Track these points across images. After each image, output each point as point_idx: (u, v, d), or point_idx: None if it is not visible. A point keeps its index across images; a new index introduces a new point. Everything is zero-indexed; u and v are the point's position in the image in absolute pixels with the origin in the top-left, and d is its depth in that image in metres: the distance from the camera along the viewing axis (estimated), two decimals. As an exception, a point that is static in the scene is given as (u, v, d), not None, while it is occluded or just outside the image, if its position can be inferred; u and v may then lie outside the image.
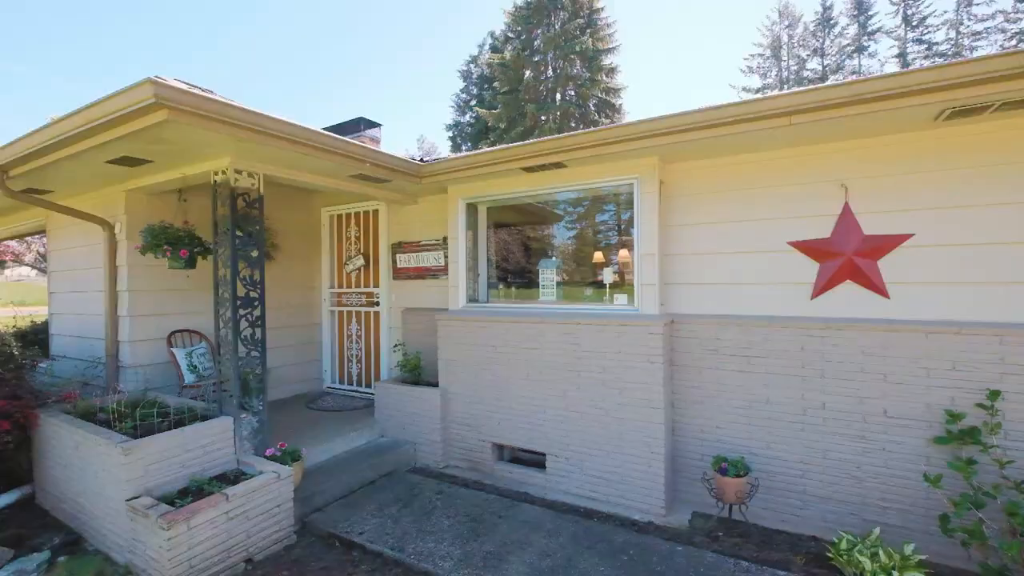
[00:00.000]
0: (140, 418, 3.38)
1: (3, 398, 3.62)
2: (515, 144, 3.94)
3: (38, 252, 12.69)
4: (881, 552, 2.68)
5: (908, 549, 2.70)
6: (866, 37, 31.32)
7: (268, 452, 3.75)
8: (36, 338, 5.83)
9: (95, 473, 3.29)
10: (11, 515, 3.81)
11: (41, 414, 3.81)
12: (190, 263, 4.16)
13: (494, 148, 4.12)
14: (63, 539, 3.45)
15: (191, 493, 3.12)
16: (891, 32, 30.56)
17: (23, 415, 3.70)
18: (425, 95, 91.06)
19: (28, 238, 10.80)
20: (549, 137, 3.78)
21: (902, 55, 29.88)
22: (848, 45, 31.95)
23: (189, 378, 4.55)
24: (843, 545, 2.81)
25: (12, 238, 8.30)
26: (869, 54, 31.44)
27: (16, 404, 3.68)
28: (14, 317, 6.14)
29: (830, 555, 2.84)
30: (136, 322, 4.55)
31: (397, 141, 70.43)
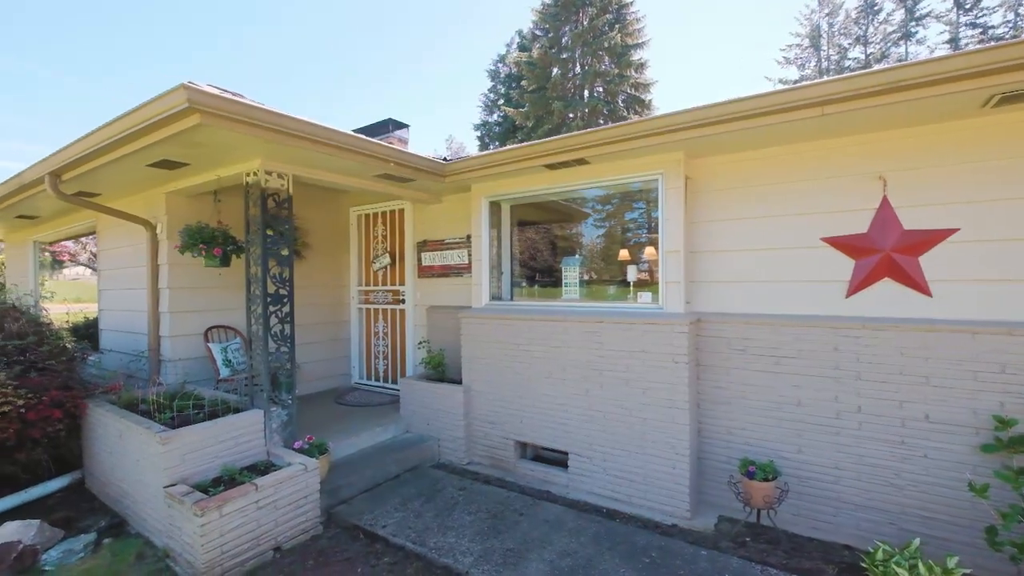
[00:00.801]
0: (177, 409, 3.55)
1: (56, 388, 3.85)
2: (536, 141, 3.92)
3: (91, 252, 13.50)
4: (920, 564, 2.53)
5: (951, 562, 2.54)
6: (914, 23, 29.62)
7: (296, 445, 3.86)
8: (87, 333, 6.21)
9: (136, 460, 3.47)
10: (63, 498, 4.06)
11: (89, 404, 4.05)
12: (224, 261, 4.33)
13: (515, 146, 4.10)
14: (108, 522, 3.66)
15: (223, 482, 3.24)
16: (941, 16, 28.74)
17: (73, 404, 3.94)
18: (453, 95, 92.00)
19: (82, 239, 11.54)
20: (570, 134, 3.75)
21: (954, 40, 28.08)
22: (894, 32, 30.29)
23: (224, 372, 4.75)
24: (879, 555, 2.67)
25: (68, 239, 8.87)
26: (917, 41, 29.69)
27: (67, 394, 3.92)
28: (67, 313, 6.54)
29: (864, 565, 2.70)
30: (176, 318, 4.78)
31: (427, 142, 71.45)
